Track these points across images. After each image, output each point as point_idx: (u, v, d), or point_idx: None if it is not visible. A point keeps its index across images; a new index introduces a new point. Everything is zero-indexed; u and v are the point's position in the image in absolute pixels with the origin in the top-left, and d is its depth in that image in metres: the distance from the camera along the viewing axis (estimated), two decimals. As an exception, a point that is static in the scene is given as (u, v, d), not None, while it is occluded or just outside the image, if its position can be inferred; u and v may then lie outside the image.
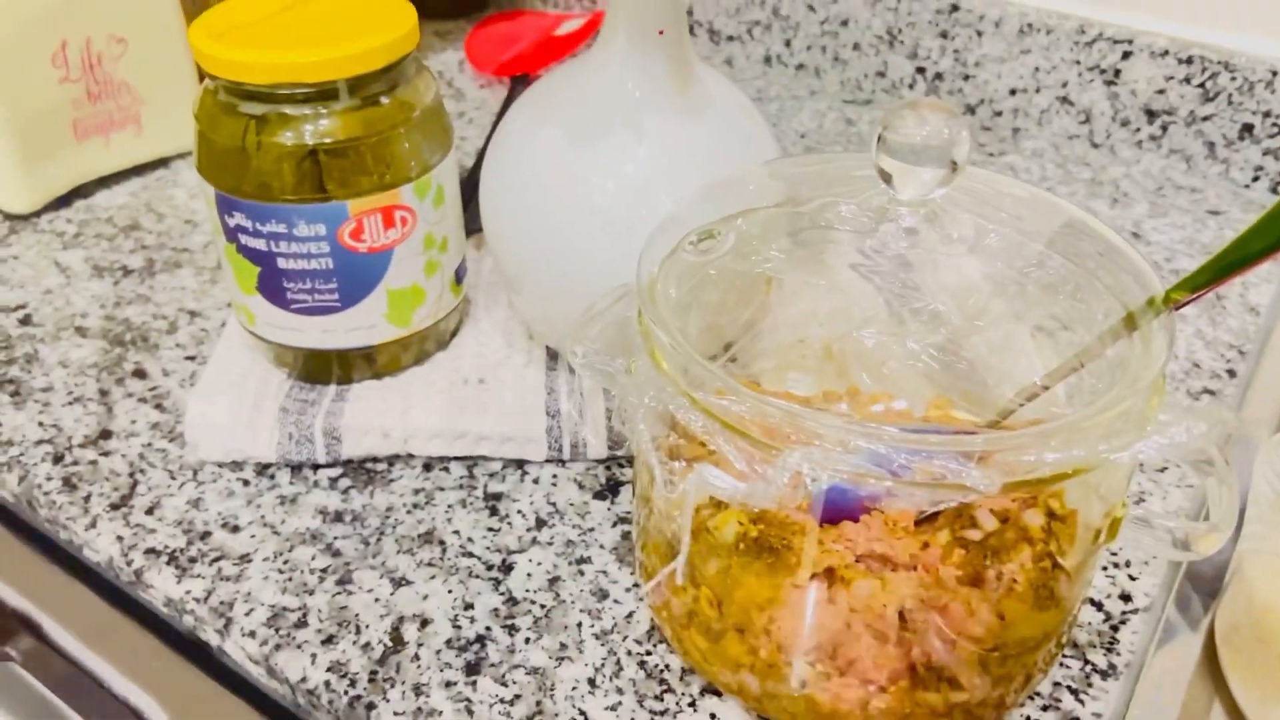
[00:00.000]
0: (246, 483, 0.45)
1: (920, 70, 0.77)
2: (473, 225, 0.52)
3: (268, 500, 0.44)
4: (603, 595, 0.41)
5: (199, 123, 0.43)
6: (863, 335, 0.45)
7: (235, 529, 0.43)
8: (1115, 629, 0.40)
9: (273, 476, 0.45)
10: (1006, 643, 0.35)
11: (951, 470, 0.29)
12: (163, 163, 0.67)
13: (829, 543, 0.35)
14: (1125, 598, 0.41)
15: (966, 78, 0.76)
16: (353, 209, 0.43)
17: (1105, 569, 0.42)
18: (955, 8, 0.74)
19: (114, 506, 0.44)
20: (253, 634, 0.39)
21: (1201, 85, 0.67)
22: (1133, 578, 0.42)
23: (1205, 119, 0.68)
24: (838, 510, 0.36)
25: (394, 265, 0.45)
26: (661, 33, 0.41)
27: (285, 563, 0.42)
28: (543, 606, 0.40)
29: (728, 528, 0.35)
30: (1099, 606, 0.41)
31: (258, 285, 0.45)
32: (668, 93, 0.42)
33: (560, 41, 0.83)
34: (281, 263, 0.44)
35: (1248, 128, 0.67)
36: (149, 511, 0.44)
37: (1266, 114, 0.66)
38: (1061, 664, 0.39)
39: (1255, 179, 0.68)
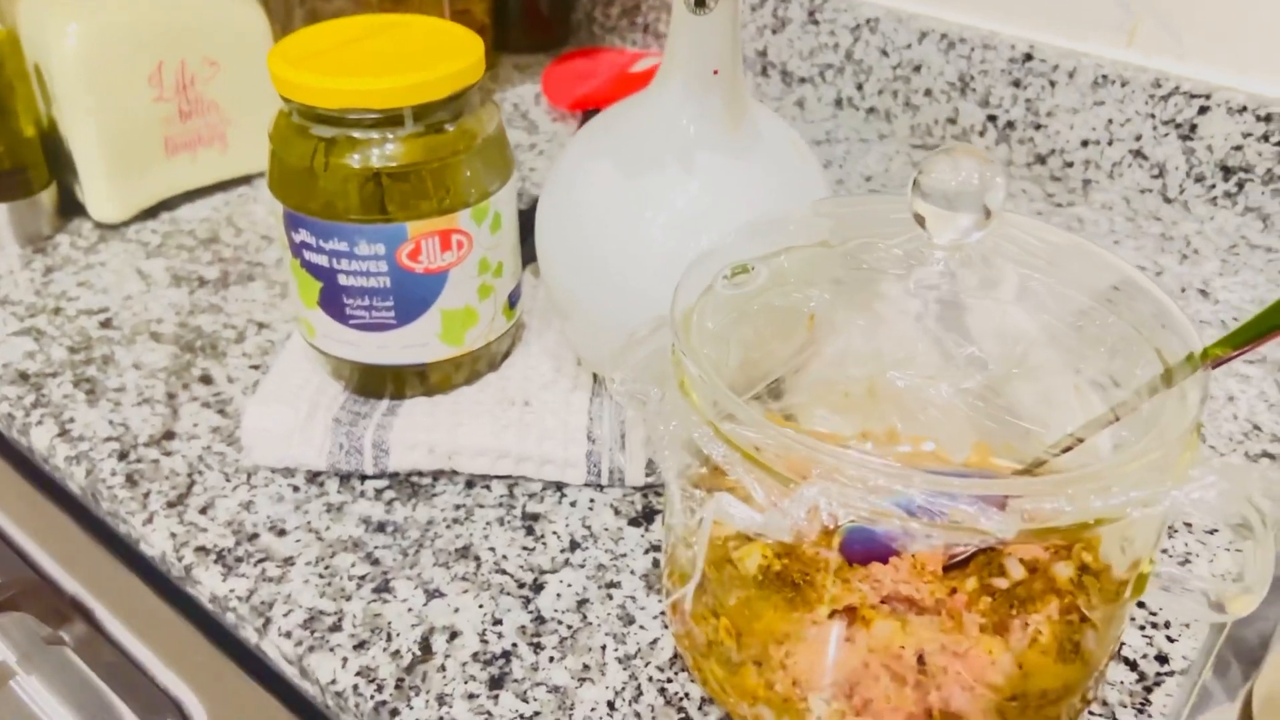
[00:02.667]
0: (296, 489, 0.47)
1: (991, 118, 0.77)
2: (532, 254, 0.53)
3: (315, 507, 0.46)
4: (629, 620, 0.41)
5: (273, 142, 0.46)
6: (904, 377, 0.45)
7: (282, 532, 0.45)
8: (1149, 690, 0.39)
9: (322, 484, 0.47)
10: (1026, 693, 0.34)
11: (968, 514, 0.29)
12: (245, 180, 0.70)
13: (855, 582, 0.35)
14: (1162, 659, 0.40)
15: (1038, 127, 0.75)
16: (412, 231, 0.44)
17: (1143, 628, 0.41)
18: (1029, 57, 0.74)
19: (171, 504, 0.46)
20: (289, 634, 0.40)
21: (1280, 143, 0.66)
22: (1171, 639, 0.41)
23: (1283, 178, 0.67)
24: (867, 552, 0.37)
25: (449, 287, 0.46)
26: (716, 72, 0.42)
27: (326, 568, 0.43)
28: (569, 627, 0.41)
29: (751, 559, 0.36)
30: (1133, 666, 0.40)
31: (319, 300, 0.47)
32: (720, 130, 0.43)
33: (633, 79, 0.85)
34: (342, 279, 0.45)
35: (1327, 188, 0.65)
36: (203, 511, 0.45)
37: (1347, 175, 0.64)
38: (1089, 721, 0.38)
39: (1334, 241, 0.66)
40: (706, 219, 0.44)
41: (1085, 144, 0.74)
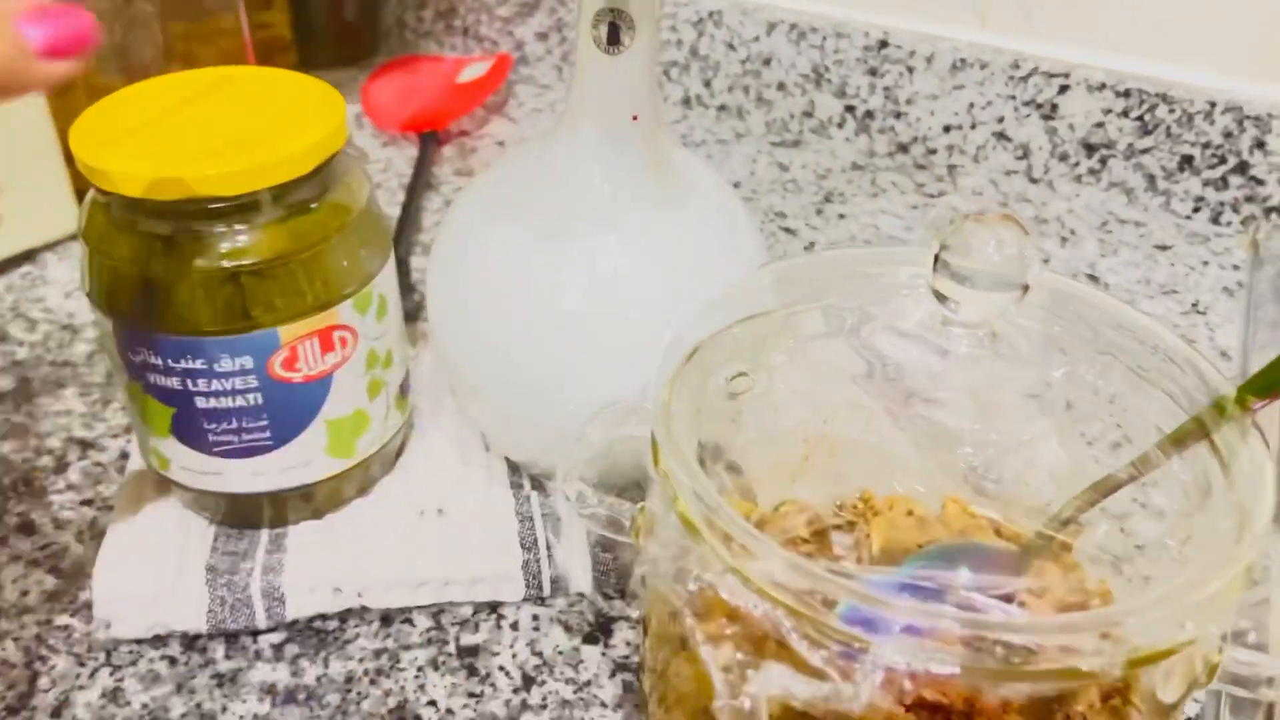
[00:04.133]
0: (173, 661, 0.38)
1: (850, 109, 0.74)
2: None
3: (202, 681, 0.37)
4: (614, 767, 0.35)
5: (88, 242, 0.36)
6: (868, 436, 0.41)
7: (165, 724, 0.36)
8: (1171, 745, 0.37)
9: (204, 650, 0.39)
10: (1092, 804, 0.31)
11: (1078, 645, 0.25)
12: (28, 257, 0.59)
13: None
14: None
15: (898, 115, 0.73)
16: (285, 336, 0.36)
17: (1146, 672, 0.39)
18: (884, 44, 0.71)
19: (11, 711, 0.36)
20: None
21: (1140, 118, 0.66)
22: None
23: (1144, 151, 0.67)
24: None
25: (334, 392, 0.39)
26: (635, 118, 0.36)
27: (232, 764, 0.35)
28: (547, 789, 0.35)
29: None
30: (1150, 720, 0.37)
31: (172, 428, 0.38)
32: (644, 183, 0.37)
33: (465, 90, 0.77)
34: (201, 402, 0.37)
35: (1187, 159, 0.66)
36: (55, 714, 0.36)
37: (1205, 145, 0.65)
38: (1126, 796, 0.35)
39: (1196, 210, 0.67)
40: (635, 281, 0.38)
41: (948, 129, 0.72)
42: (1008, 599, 0.32)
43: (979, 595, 0.31)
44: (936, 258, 0.29)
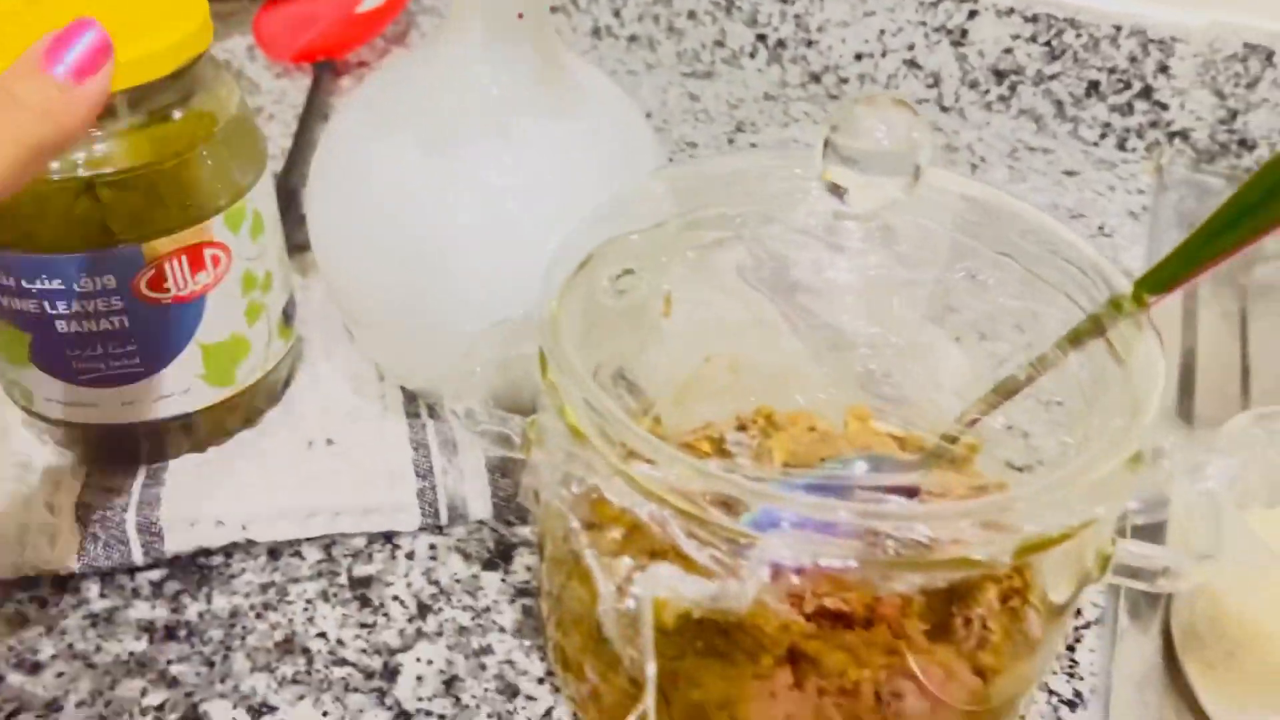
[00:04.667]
0: (43, 602, 0.36)
1: (761, 38, 0.73)
2: (290, 242, 0.43)
3: (74, 623, 0.35)
4: (513, 692, 0.34)
5: (-73, 155, 0.33)
6: (769, 349, 0.40)
7: (35, 667, 0.34)
8: (1071, 649, 0.37)
9: (77, 590, 0.36)
10: (990, 700, 0.31)
11: (969, 536, 0.24)
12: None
13: (772, 603, 0.30)
14: (1074, 613, 0.38)
15: (810, 44, 0.72)
16: (149, 253, 0.34)
17: (1048, 581, 0.39)
18: (794, -30, 0.70)
19: None
20: (74, 811, 0.30)
21: (1048, 44, 0.66)
22: (1077, 587, 0.39)
23: (1052, 78, 0.67)
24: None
25: (208, 315, 0.36)
26: (521, 16, 0.34)
27: (107, 704, 0.33)
28: (441, 717, 0.33)
29: (668, 611, 0.30)
30: (1052, 626, 0.38)
31: (31, 356, 0.36)
32: (535, 88, 0.36)
33: (363, 19, 0.74)
34: (61, 326, 0.35)
35: (1094, 85, 0.66)
36: (-87, 660, 0.34)
37: (1111, 70, 0.65)
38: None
39: (1103, 136, 0.67)
40: (529, 193, 0.36)
41: (859, 57, 0.71)
42: (910, 494, 0.31)
43: (878, 494, 0.30)
44: (826, 142, 0.28)
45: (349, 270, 0.38)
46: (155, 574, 0.37)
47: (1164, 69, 0.64)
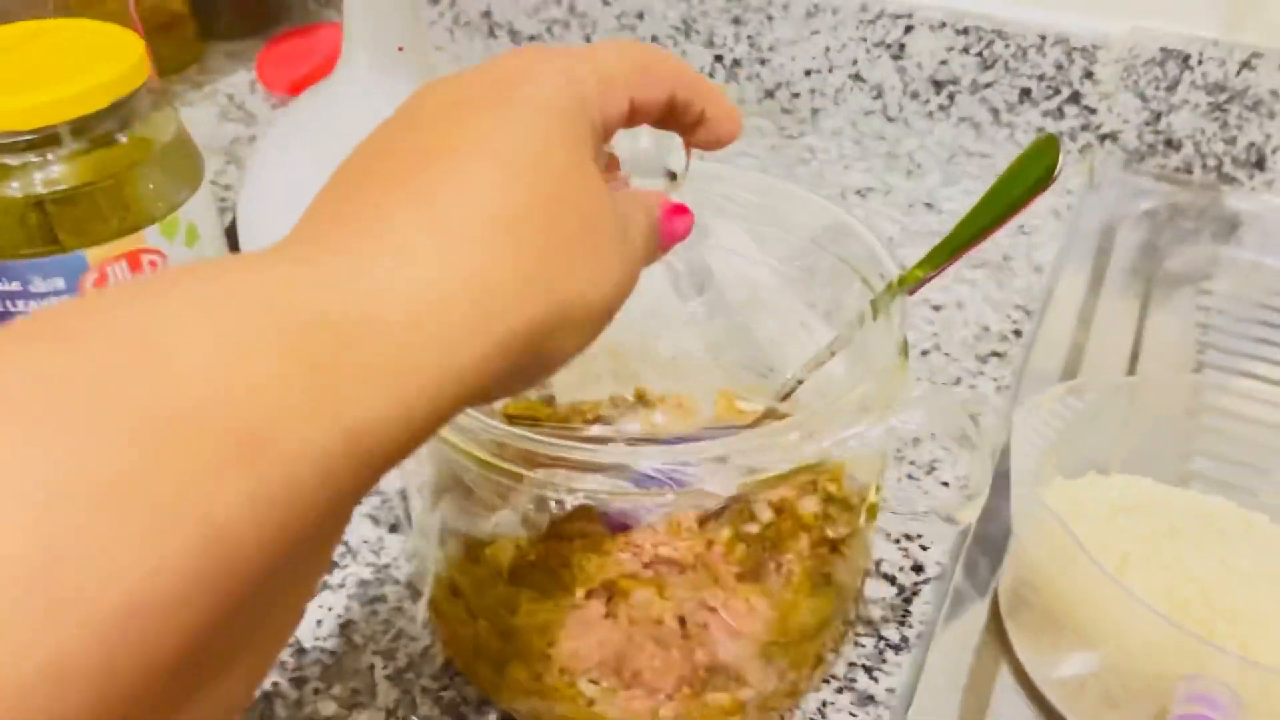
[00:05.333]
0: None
1: (719, 58, 0.78)
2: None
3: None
4: (397, 634, 0.39)
5: (-89, 180, 0.40)
6: (647, 334, 0.45)
7: None
8: (908, 601, 0.41)
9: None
10: (787, 632, 0.35)
11: (692, 477, 0.29)
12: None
13: (615, 553, 0.35)
14: (917, 569, 0.42)
15: (763, 62, 0.76)
16: (92, 258, 0.40)
17: (898, 541, 0.43)
18: (743, -6, 0.74)
19: None
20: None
21: (980, 54, 0.69)
22: (924, 548, 0.43)
23: (987, 86, 0.70)
24: (627, 517, 0.36)
25: (150, 312, 0.42)
26: (401, 49, 0.40)
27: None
28: (333, 654, 0.39)
29: (504, 555, 0.34)
30: (892, 580, 0.41)
31: None
32: (416, 110, 0.41)
33: (356, 54, 0.81)
34: (22, 322, 0.41)
35: (1026, 92, 0.69)
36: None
37: (1040, 77, 0.69)
38: (856, 643, 0.39)
39: (1038, 140, 0.70)
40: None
41: (808, 73, 0.75)
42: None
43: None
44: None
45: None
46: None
47: (1089, 75, 0.67)
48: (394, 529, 0.43)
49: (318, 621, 0.40)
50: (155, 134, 0.42)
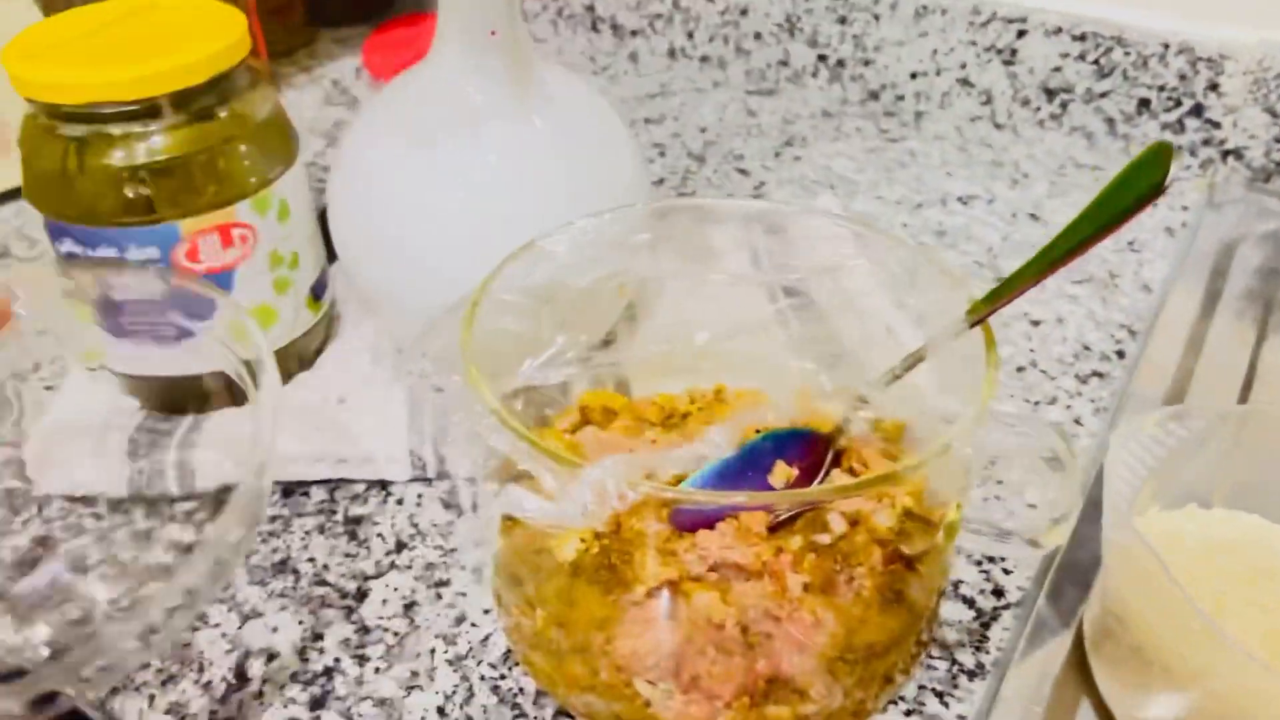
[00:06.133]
0: (98, 518, 0.43)
1: (822, 58, 0.76)
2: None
3: (120, 536, 0.43)
4: (460, 619, 0.39)
5: (22, 148, 0.42)
6: (735, 331, 0.44)
7: (85, 568, 0.41)
8: (986, 626, 0.39)
9: (127, 512, 0.44)
10: (853, 648, 0.33)
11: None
12: (38, 186, 0.65)
13: (681, 553, 0.34)
14: (998, 593, 0.40)
15: (867, 63, 0.75)
16: (185, 229, 0.41)
17: (979, 564, 0.41)
18: (850, -8, 0.73)
19: (-46, 551, 0.42)
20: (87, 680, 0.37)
21: (1096, 62, 0.67)
22: (1007, 571, 0.41)
23: (1103, 95, 0.67)
24: (697, 520, 0.35)
25: (238, 285, 0.43)
26: (494, 33, 0.40)
27: (136, 601, 0.40)
28: (396, 634, 0.39)
29: (568, 546, 0.34)
30: (970, 603, 0.40)
31: (95, 315, 0.43)
32: (507, 94, 0.41)
33: (459, 43, 0.81)
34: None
35: (1144, 102, 0.66)
36: (-10, 554, 0.42)
37: (1161, 88, 0.65)
38: (928, 665, 0.38)
39: (1155, 153, 0.67)
40: (503, 190, 0.42)
41: (914, 76, 0.73)
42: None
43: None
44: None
45: (355, 255, 0.44)
46: (188, 504, 0.44)
47: (1214, 87, 0.64)
48: (464, 514, 0.43)
49: (383, 601, 0.40)
50: (252, 110, 0.42)
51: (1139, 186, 0.29)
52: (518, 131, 0.41)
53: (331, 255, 0.48)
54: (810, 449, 0.39)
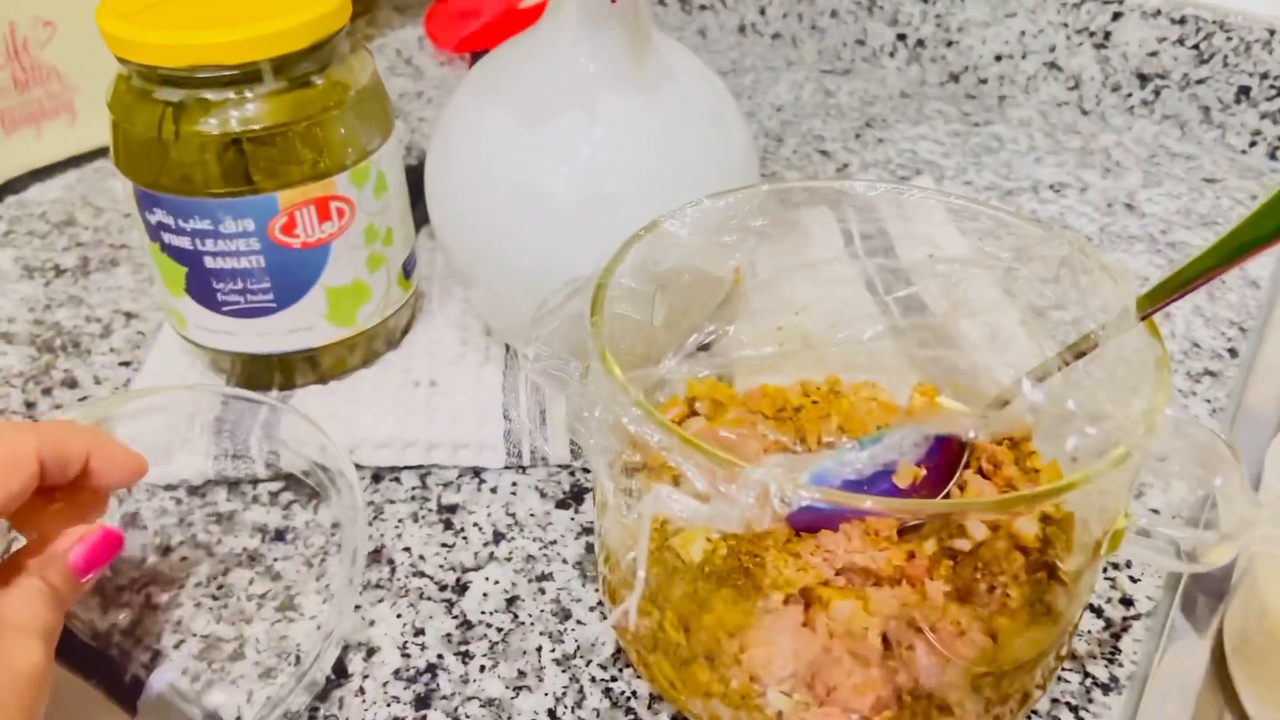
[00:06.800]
0: (179, 501, 0.42)
1: (901, 37, 0.74)
2: (426, 215, 0.48)
3: (200, 519, 0.41)
4: (565, 615, 0.37)
5: (113, 111, 0.40)
6: (842, 321, 0.42)
7: (167, 551, 0.40)
8: (1116, 637, 0.37)
9: (206, 494, 0.42)
10: (999, 662, 0.32)
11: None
12: (101, 152, 0.64)
13: (805, 555, 0.32)
14: (1126, 602, 0.38)
15: (949, 44, 0.72)
16: (283, 201, 0.39)
17: (1105, 570, 0.39)
18: (936, -30, 0.70)
19: (36, 530, 0.40)
20: (183, 669, 0.36)
21: (1195, 47, 0.64)
22: (1134, 579, 0.39)
23: (1200, 82, 0.65)
24: (816, 519, 0.33)
25: (332, 261, 0.41)
26: (614, 1, 0.38)
27: (220, 588, 0.38)
28: (500, 630, 0.37)
29: (694, 546, 0.32)
30: (1099, 613, 0.38)
31: (186, 287, 0.41)
32: (623, 67, 0.39)
33: (524, 14, 0.79)
34: (209, 261, 0.40)
35: (1244, 90, 0.64)
36: (73, 535, 0.40)
37: (1264, 75, 0.63)
38: (1060, 678, 0.36)
39: (1252, 144, 0.65)
40: (615, 166, 0.40)
41: (999, 59, 0.71)
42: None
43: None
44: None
45: (455, 229, 0.42)
46: (274, 485, 0.42)
47: (1321, 75, 0.61)
48: (561, 505, 0.42)
49: (484, 595, 0.38)
50: (351, 79, 0.41)
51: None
52: (634, 106, 0.39)
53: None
54: (939, 448, 0.37)
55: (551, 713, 0.34)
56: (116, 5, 0.39)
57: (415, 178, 0.45)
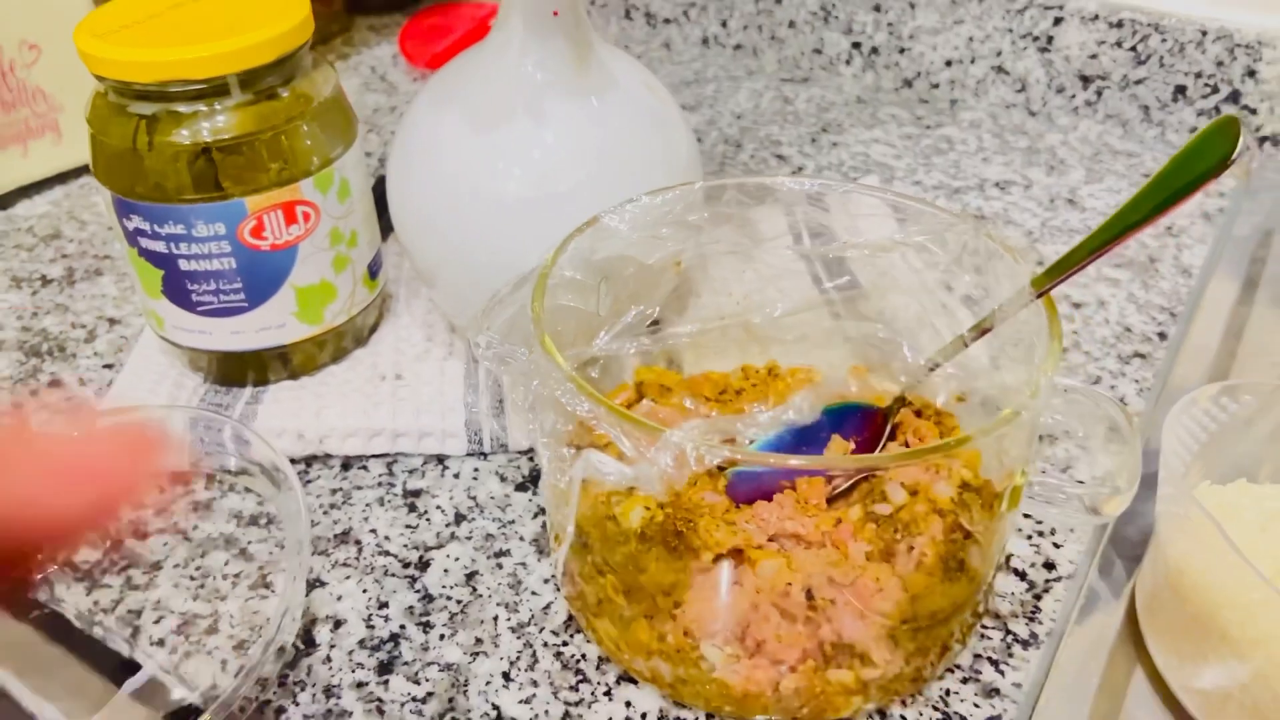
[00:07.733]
0: (159, 490, 0.44)
1: (856, 45, 0.77)
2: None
3: (179, 506, 0.43)
4: (520, 588, 0.40)
5: (91, 126, 0.42)
6: (781, 308, 0.45)
7: (145, 535, 0.42)
8: (1038, 598, 0.39)
9: (187, 483, 0.45)
10: (916, 616, 0.34)
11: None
12: (86, 169, 0.66)
13: (741, 523, 0.34)
14: (1049, 566, 0.41)
15: (902, 50, 0.75)
16: (251, 206, 0.42)
17: (1030, 537, 0.42)
18: (886, -20, 0.73)
19: (23, 520, 0.43)
20: (161, 642, 0.38)
21: (1133, 49, 0.67)
22: (1057, 545, 0.41)
23: (1138, 82, 0.68)
24: (752, 492, 0.36)
25: (300, 262, 0.44)
26: (556, 13, 0.40)
27: (197, 569, 0.41)
28: (459, 602, 0.39)
29: (634, 514, 0.35)
30: (1022, 576, 0.40)
31: (163, 288, 0.44)
32: (568, 74, 0.41)
33: (495, 31, 0.82)
34: (183, 264, 0.43)
35: (1180, 89, 0.67)
36: (59, 523, 0.43)
37: (1198, 75, 0.66)
38: (982, 635, 0.38)
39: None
40: (563, 168, 0.42)
41: (949, 64, 0.74)
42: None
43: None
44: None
45: (414, 231, 0.45)
46: (248, 475, 0.45)
47: (1251, 73, 0.64)
48: (520, 487, 0.44)
49: (445, 570, 0.41)
50: (314, 91, 0.43)
51: (1208, 159, 0.30)
52: (579, 111, 0.42)
53: (382, 235, 0.49)
54: (866, 424, 0.40)
55: (506, 675, 0.37)
56: (93, 26, 0.41)
57: (384, 186, 0.48)
